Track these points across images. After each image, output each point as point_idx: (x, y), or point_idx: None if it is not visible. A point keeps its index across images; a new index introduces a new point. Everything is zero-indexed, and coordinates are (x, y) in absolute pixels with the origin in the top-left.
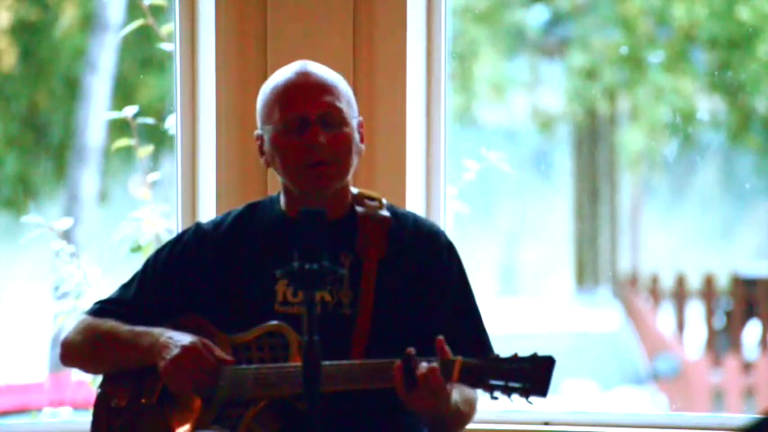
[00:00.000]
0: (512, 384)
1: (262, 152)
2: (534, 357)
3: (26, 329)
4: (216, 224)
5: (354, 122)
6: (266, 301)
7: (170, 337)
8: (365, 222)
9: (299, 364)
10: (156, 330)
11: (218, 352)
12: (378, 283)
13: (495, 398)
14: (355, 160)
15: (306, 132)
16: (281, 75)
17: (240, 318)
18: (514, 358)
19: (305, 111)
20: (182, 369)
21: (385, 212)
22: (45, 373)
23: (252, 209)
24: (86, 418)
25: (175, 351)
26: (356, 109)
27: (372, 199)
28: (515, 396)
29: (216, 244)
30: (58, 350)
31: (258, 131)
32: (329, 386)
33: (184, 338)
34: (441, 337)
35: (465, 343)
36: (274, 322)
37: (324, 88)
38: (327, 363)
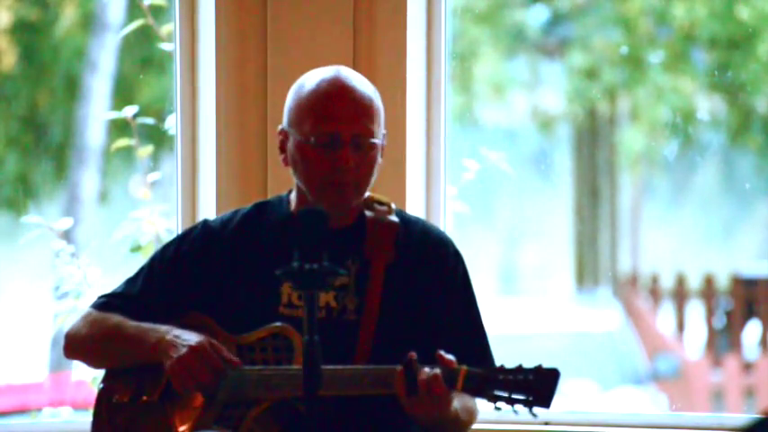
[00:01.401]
0: (515, 396)
1: (283, 149)
2: (539, 369)
3: (26, 329)
4: (224, 222)
5: (382, 141)
6: (270, 302)
7: (177, 336)
8: (374, 227)
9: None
10: (163, 328)
11: (226, 353)
12: (384, 289)
13: (498, 408)
14: (375, 177)
15: (336, 151)
16: (319, 82)
17: (244, 318)
18: (519, 369)
19: (340, 130)
20: (188, 368)
21: (394, 218)
22: (45, 373)
23: (260, 208)
24: (86, 417)
25: (183, 350)
26: (384, 121)
27: (382, 203)
28: (518, 407)
29: (223, 243)
30: (62, 342)
31: (283, 127)
32: (331, 390)
33: (191, 337)
34: (441, 352)
35: (467, 352)
36: (279, 324)
37: (362, 108)
38: (330, 367)
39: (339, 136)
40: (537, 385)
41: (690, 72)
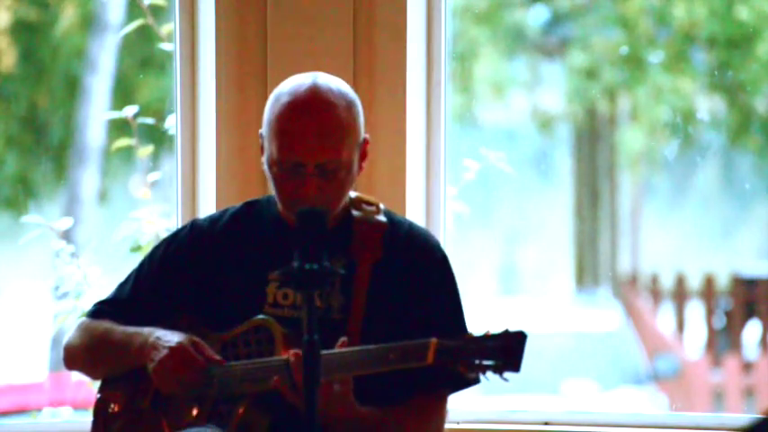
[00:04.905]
0: (486, 362)
1: (263, 151)
2: (506, 334)
3: (26, 329)
4: (212, 221)
5: (356, 152)
6: (256, 302)
7: (158, 338)
8: (360, 227)
9: (282, 357)
10: (146, 330)
11: (208, 351)
12: (370, 288)
13: (471, 376)
14: (349, 190)
15: (299, 177)
16: (290, 103)
17: (230, 317)
18: (487, 336)
19: (303, 161)
20: (170, 370)
21: (381, 217)
22: (45, 373)
23: (249, 207)
24: (86, 417)
25: (164, 352)
26: (362, 129)
27: (370, 204)
28: (490, 374)
29: (211, 242)
30: (61, 354)
31: (261, 132)
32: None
33: (173, 338)
34: (344, 339)
35: None
36: (260, 317)
37: (328, 135)
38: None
39: (303, 167)
40: (506, 350)
41: (690, 72)
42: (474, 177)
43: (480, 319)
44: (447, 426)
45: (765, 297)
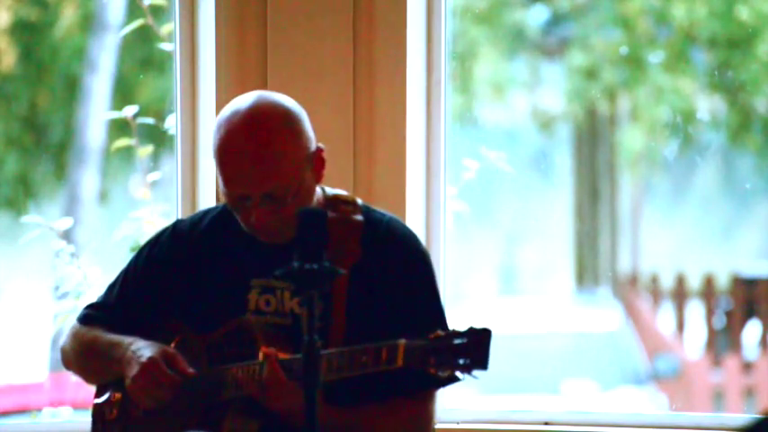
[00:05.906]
0: (455, 361)
1: None
2: (471, 331)
3: (26, 329)
4: (193, 224)
5: (306, 168)
6: (238, 309)
7: (133, 352)
8: (336, 229)
9: (259, 360)
10: (126, 341)
11: (181, 364)
12: (349, 292)
13: (443, 376)
14: (309, 202)
15: (247, 206)
16: (227, 132)
17: (213, 322)
18: (454, 333)
19: (248, 193)
20: (141, 387)
21: (358, 217)
22: (45, 373)
23: (228, 211)
24: (86, 417)
25: (135, 368)
26: (311, 141)
27: (346, 201)
28: (459, 372)
29: (191, 246)
30: (58, 356)
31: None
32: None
33: (146, 352)
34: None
35: None
36: (240, 317)
37: (269, 165)
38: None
39: (248, 198)
40: (473, 347)
41: (690, 72)
42: (474, 177)
43: (480, 319)
44: (447, 426)
45: (765, 297)
